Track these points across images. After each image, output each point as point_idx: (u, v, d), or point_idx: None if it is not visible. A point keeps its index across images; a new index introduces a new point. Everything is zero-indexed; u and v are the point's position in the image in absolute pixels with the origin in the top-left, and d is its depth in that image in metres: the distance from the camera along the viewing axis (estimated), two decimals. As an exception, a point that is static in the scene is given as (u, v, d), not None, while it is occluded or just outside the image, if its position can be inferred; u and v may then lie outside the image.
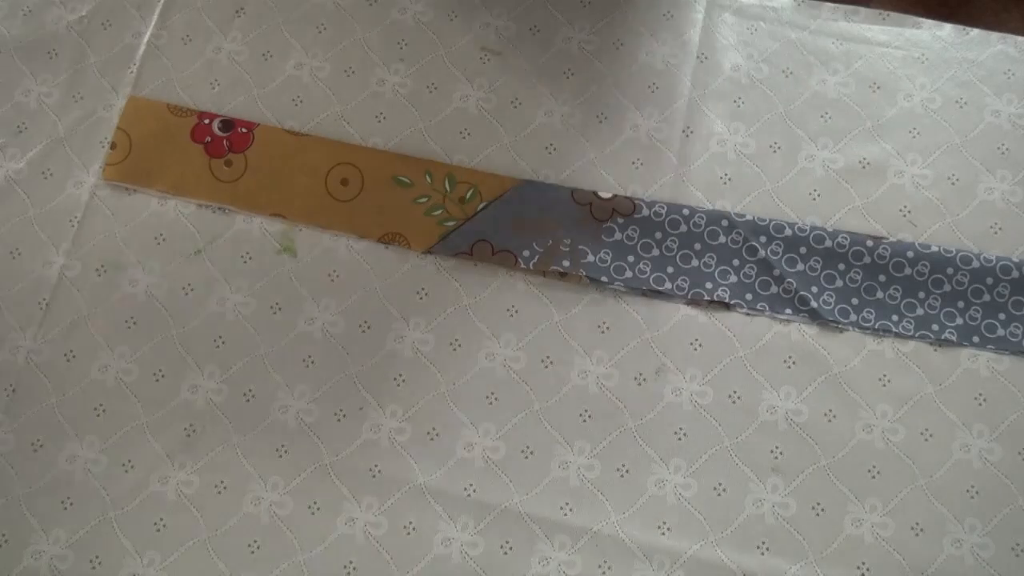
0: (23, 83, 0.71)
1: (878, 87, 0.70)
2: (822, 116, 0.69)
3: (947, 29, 0.71)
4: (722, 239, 0.66)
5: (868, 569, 0.60)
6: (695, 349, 0.64)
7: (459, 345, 0.65)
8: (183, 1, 0.73)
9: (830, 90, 0.69)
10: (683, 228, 0.66)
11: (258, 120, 0.70)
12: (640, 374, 0.64)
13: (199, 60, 0.72)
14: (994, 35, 0.71)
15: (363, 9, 0.73)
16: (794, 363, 0.64)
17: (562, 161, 0.68)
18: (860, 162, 0.68)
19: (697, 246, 0.66)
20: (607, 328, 0.65)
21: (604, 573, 0.60)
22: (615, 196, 0.67)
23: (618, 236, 0.66)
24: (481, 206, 0.67)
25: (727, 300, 0.65)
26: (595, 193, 0.67)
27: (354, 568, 0.60)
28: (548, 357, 0.64)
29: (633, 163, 0.68)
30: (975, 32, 0.71)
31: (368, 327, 0.65)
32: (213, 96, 0.71)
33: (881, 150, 0.68)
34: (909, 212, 0.66)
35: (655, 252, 0.66)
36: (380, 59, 0.71)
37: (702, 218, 0.66)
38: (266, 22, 0.73)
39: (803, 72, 0.70)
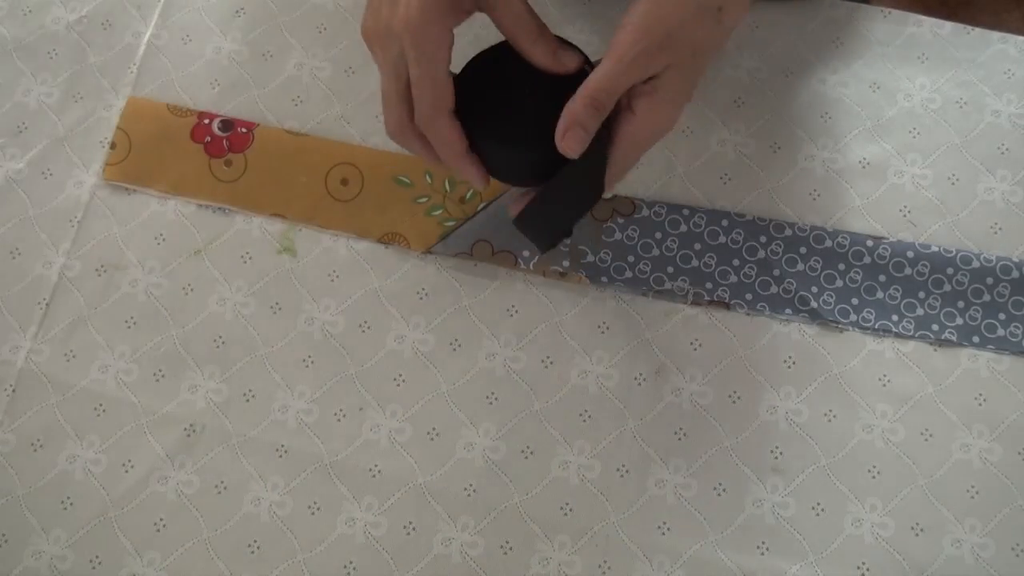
0: (23, 83, 0.71)
1: (878, 87, 0.70)
2: (822, 116, 0.69)
3: (947, 29, 0.71)
4: (722, 239, 0.66)
5: (868, 569, 0.60)
6: (695, 349, 0.64)
7: (459, 345, 0.65)
8: (183, 1, 0.73)
9: (830, 90, 0.69)
10: (683, 228, 0.66)
11: (258, 120, 0.70)
12: (640, 374, 0.64)
13: (199, 60, 0.72)
14: (994, 35, 0.71)
15: (363, 9, 0.72)
16: (794, 363, 0.64)
17: (562, 161, 0.68)
18: (860, 162, 0.68)
19: (697, 246, 0.66)
20: (607, 328, 0.65)
21: (604, 573, 0.60)
22: (615, 196, 0.67)
23: (618, 236, 0.66)
24: (481, 206, 0.67)
25: (727, 300, 0.65)
26: None
27: (354, 568, 0.60)
28: (548, 357, 0.64)
29: (633, 163, 0.68)
30: (975, 32, 0.71)
31: (368, 327, 0.65)
32: (213, 96, 0.71)
33: (881, 150, 0.68)
34: (909, 212, 0.66)
35: (655, 252, 0.66)
36: (380, 59, 0.71)
37: (702, 218, 0.66)
38: (266, 22, 0.72)
39: (803, 72, 0.70)
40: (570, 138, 0.49)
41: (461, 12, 0.51)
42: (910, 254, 0.65)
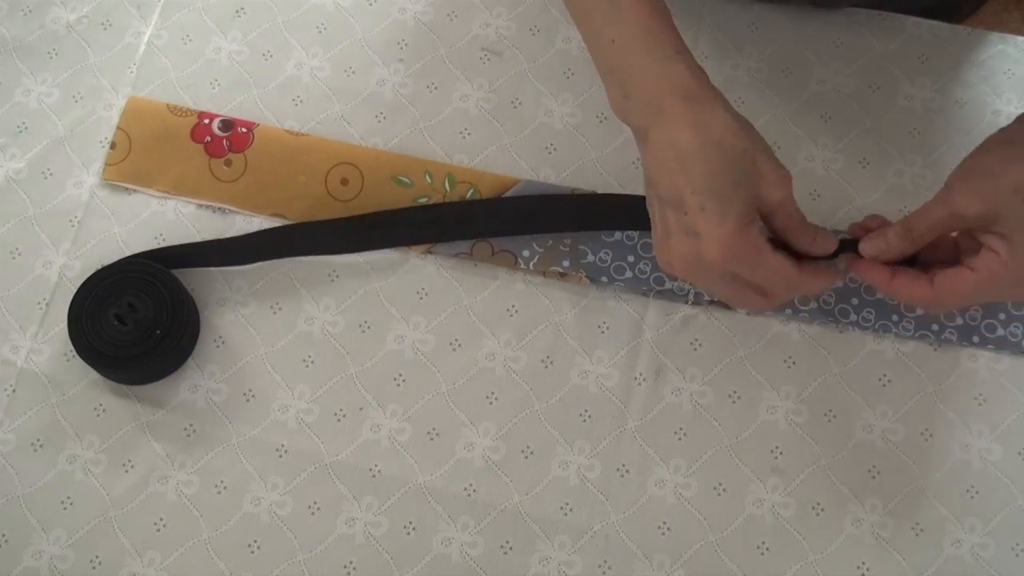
0: (23, 83, 0.71)
1: (878, 87, 0.69)
2: (823, 116, 0.69)
3: (947, 29, 0.71)
4: (722, 239, 0.66)
5: (868, 569, 0.60)
6: (695, 349, 0.64)
7: (459, 345, 0.65)
8: (183, 1, 0.73)
9: (830, 90, 0.69)
10: (683, 228, 0.66)
11: (258, 120, 0.70)
12: (640, 374, 0.64)
13: (199, 60, 0.72)
14: (994, 35, 0.71)
15: (363, 9, 0.73)
16: (794, 363, 0.64)
17: (562, 161, 0.68)
18: (860, 162, 0.68)
19: (697, 246, 0.66)
20: (607, 328, 0.65)
21: (604, 573, 0.60)
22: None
23: (618, 236, 0.66)
24: (481, 206, 0.67)
25: (727, 300, 0.65)
26: (595, 193, 0.67)
27: (354, 568, 0.60)
28: (548, 357, 0.64)
29: (633, 163, 0.68)
30: (975, 32, 0.71)
31: (368, 327, 0.65)
32: (213, 96, 0.71)
33: (881, 150, 0.68)
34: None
35: (655, 252, 0.66)
36: (380, 59, 0.71)
37: (702, 218, 0.66)
38: (266, 22, 0.72)
39: (803, 72, 0.70)
40: (870, 243, 0.54)
41: (752, 214, 0.51)
42: (910, 254, 0.65)
